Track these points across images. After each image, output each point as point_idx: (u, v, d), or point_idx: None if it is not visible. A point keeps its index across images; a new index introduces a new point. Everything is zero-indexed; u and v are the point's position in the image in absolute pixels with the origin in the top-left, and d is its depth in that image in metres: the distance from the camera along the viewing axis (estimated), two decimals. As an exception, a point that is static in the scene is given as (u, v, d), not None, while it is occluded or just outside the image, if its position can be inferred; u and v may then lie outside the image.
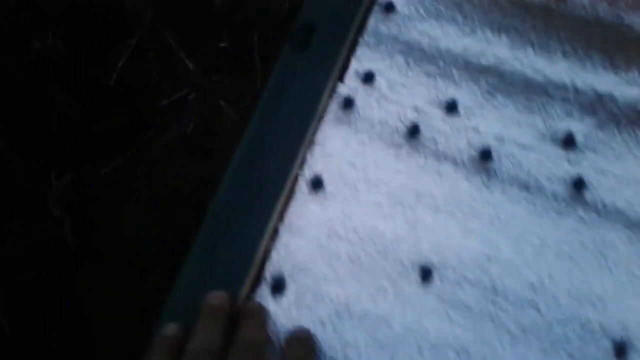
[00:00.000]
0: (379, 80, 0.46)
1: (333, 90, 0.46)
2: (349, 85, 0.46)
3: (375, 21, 0.47)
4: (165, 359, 0.35)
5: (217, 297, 0.37)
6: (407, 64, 0.46)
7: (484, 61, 0.46)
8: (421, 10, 0.47)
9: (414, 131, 0.44)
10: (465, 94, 0.45)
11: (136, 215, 1.24)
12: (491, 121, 0.44)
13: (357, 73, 0.46)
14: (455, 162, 0.43)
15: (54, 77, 1.37)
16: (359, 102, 0.45)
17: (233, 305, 0.38)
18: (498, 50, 0.46)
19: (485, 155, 0.43)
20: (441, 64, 0.46)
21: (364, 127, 0.44)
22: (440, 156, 0.43)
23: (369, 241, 0.41)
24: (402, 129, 0.44)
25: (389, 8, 0.47)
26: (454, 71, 0.46)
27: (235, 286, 0.39)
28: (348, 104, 0.45)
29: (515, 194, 0.42)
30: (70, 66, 1.36)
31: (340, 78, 0.46)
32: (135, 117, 1.33)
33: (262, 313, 0.37)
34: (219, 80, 1.35)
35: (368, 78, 0.46)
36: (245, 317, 0.37)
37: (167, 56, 1.36)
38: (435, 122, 0.44)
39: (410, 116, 0.44)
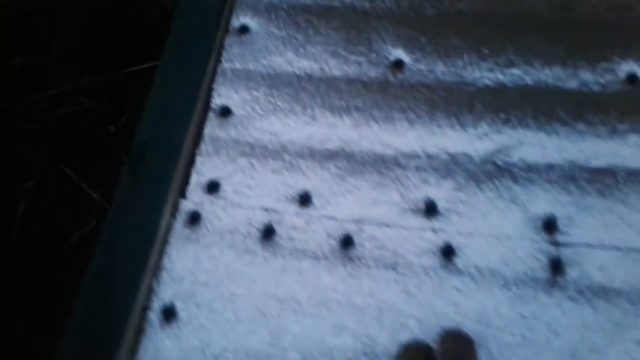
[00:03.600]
0: (225, 187, 0.43)
1: (175, 208, 0.42)
2: (193, 199, 0.43)
3: (211, 128, 0.45)
4: None
5: None
6: (251, 164, 0.44)
7: (330, 146, 0.44)
8: (258, 109, 0.46)
9: (267, 233, 0.41)
10: (316, 183, 0.43)
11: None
12: (347, 206, 0.42)
13: (199, 185, 0.43)
14: (315, 257, 0.40)
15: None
16: (206, 214, 0.42)
17: None
18: (342, 132, 0.45)
19: (346, 242, 0.40)
20: (286, 157, 0.44)
21: (214, 239, 0.41)
22: (299, 253, 0.40)
23: None
24: (255, 233, 0.41)
25: (225, 112, 0.46)
26: (301, 162, 0.44)
27: None
28: (194, 218, 0.42)
29: (383, 277, 0.39)
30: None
31: (182, 194, 0.43)
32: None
33: None
34: (126, 206, 1.31)
35: (213, 187, 0.43)
36: None
37: (68, 192, 1.31)
38: (288, 219, 0.42)
39: (262, 218, 0.42)
